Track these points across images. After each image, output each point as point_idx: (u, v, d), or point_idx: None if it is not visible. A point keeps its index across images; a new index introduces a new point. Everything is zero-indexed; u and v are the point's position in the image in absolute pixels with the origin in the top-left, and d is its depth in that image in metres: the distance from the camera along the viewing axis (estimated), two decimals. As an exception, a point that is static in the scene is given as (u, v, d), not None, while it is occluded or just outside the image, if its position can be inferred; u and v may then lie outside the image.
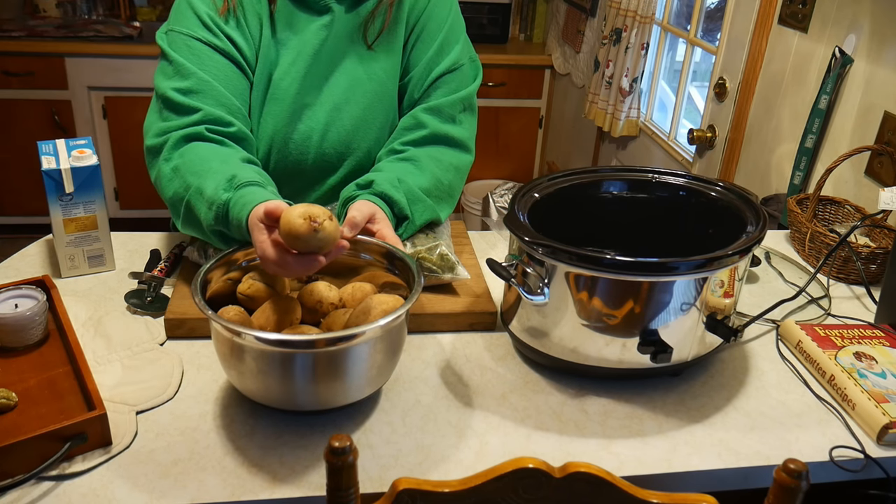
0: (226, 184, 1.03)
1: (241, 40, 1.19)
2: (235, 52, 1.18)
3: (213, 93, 1.15)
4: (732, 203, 1.13)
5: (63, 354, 1.03)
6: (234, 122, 1.15)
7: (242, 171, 1.05)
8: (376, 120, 1.29)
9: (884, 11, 1.58)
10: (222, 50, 1.17)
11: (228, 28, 1.18)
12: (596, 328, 0.99)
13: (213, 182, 1.04)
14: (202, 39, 1.16)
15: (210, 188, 1.04)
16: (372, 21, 1.24)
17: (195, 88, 1.14)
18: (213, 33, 1.17)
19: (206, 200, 1.04)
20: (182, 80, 1.14)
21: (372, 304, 0.95)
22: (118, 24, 3.40)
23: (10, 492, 0.82)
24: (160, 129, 1.14)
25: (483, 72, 1.35)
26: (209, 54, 1.16)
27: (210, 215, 1.03)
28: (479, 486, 0.68)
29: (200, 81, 1.14)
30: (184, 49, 1.16)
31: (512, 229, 1.01)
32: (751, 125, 2.09)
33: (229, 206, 1.01)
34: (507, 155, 3.77)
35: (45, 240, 1.34)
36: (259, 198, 0.98)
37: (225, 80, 1.17)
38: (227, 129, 1.15)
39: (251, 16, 1.20)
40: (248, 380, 0.91)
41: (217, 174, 1.05)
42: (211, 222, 1.03)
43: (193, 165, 1.09)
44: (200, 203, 1.05)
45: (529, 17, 3.83)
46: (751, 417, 1.02)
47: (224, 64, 1.18)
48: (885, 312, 1.22)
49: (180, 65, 1.15)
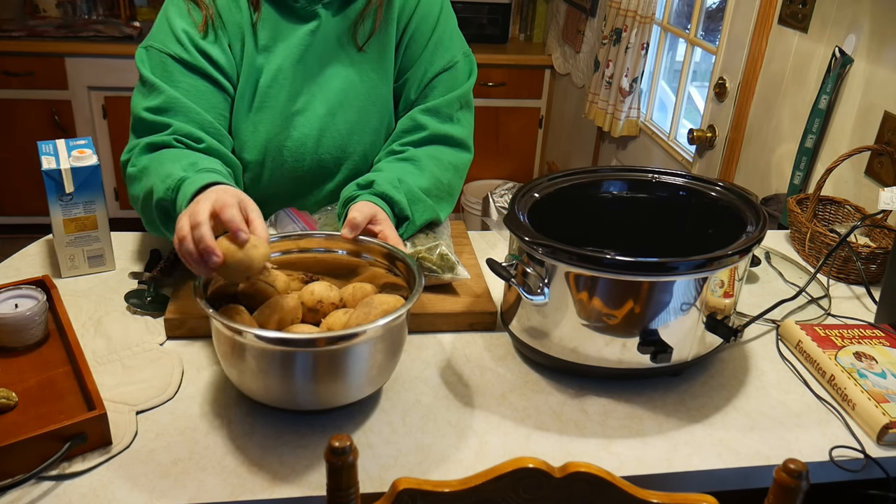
0: (187, 166, 1.04)
1: (219, 54, 1.18)
2: (210, 68, 1.18)
3: (183, 109, 1.15)
4: (732, 203, 1.13)
5: (63, 354, 1.03)
6: (204, 139, 1.15)
7: (207, 162, 1.07)
8: (371, 123, 1.28)
9: (884, 11, 1.58)
10: (196, 67, 1.17)
11: (205, 43, 1.17)
12: (596, 328, 0.99)
13: (173, 165, 1.06)
14: (175, 57, 1.16)
15: (170, 168, 1.05)
16: (361, 23, 1.23)
17: (164, 106, 1.14)
18: (187, 50, 1.16)
19: (163, 177, 1.04)
20: (153, 98, 1.15)
21: (373, 303, 0.95)
22: (118, 24, 3.40)
23: (10, 492, 0.82)
24: (130, 146, 1.16)
25: (483, 72, 1.35)
26: (182, 71, 1.16)
27: (161, 187, 1.03)
28: (479, 486, 0.68)
29: (170, 99, 1.14)
30: (158, 67, 1.17)
31: (512, 229, 1.01)
32: (751, 125, 2.09)
33: (184, 182, 1.01)
34: (507, 155, 3.77)
35: (45, 240, 1.34)
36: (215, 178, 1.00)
37: (197, 96, 1.17)
38: (196, 145, 1.14)
39: (231, 27, 1.19)
40: (248, 379, 0.91)
41: (181, 160, 1.07)
42: (161, 195, 1.03)
43: (157, 163, 1.09)
44: (157, 181, 1.05)
45: (529, 17, 3.83)
46: (751, 417, 1.02)
47: (197, 81, 1.17)
48: (885, 312, 1.22)
49: (152, 83, 1.15)
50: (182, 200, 0.99)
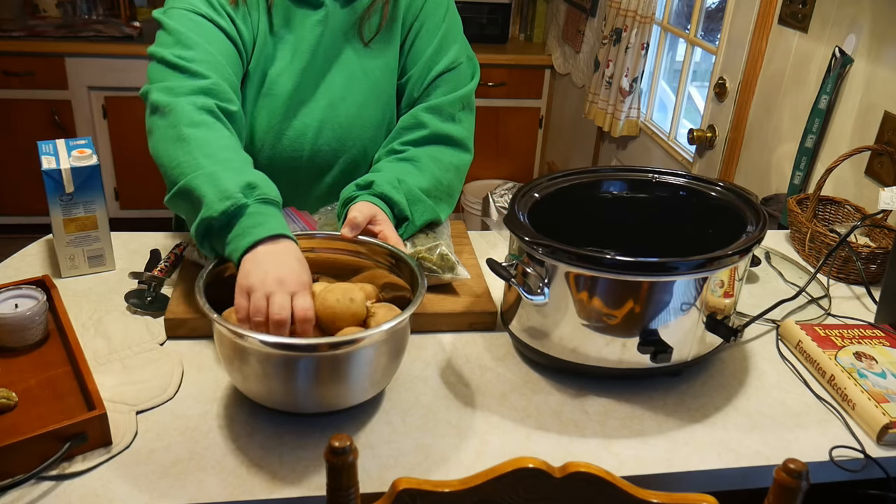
0: (245, 187, 0.98)
1: (244, 29, 1.18)
2: (237, 37, 1.17)
3: (217, 67, 1.11)
4: (732, 203, 1.13)
5: (63, 354, 1.03)
6: (236, 101, 1.13)
7: (263, 183, 1.00)
8: (372, 117, 1.29)
9: (884, 11, 1.58)
10: (225, 29, 1.15)
11: (235, 14, 1.16)
12: (596, 328, 0.99)
13: (230, 176, 0.99)
14: (206, 16, 1.13)
15: (227, 181, 0.98)
16: (368, 18, 1.24)
17: (199, 58, 1.09)
18: (218, 13, 1.15)
19: (220, 190, 0.97)
20: (185, 49, 1.10)
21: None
22: (118, 24, 3.40)
23: (10, 492, 0.82)
24: (167, 88, 1.07)
25: (483, 72, 1.35)
26: (212, 30, 1.13)
27: (219, 206, 0.96)
28: (480, 486, 0.68)
29: (205, 52, 1.10)
30: (187, 21, 1.12)
31: (512, 229, 1.01)
32: (751, 125, 2.09)
33: (245, 211, 0.96)
34: (507, 155, 3.77)
35: (45, 240, 1.34)
36: (275, 229, 0.95)
37: (227, 57, 1.14)
38: (231, 108, 1.11)
39: (253, 8, 1.20)
40: (251, 382, 0.91)
41: (234, 171, 1.00)
42: (215, 214, 0.96)
43: (207, 146, 1.02)
44: (210, 190, 0.98)
45: (529, 17, 3.83)
46: (751, 417, 1.02)
47: (226, 43, 1.15)
48: (885, 312, 1.22)
49: (182, 35, 1.10)
50: (234, 237, 0.96)
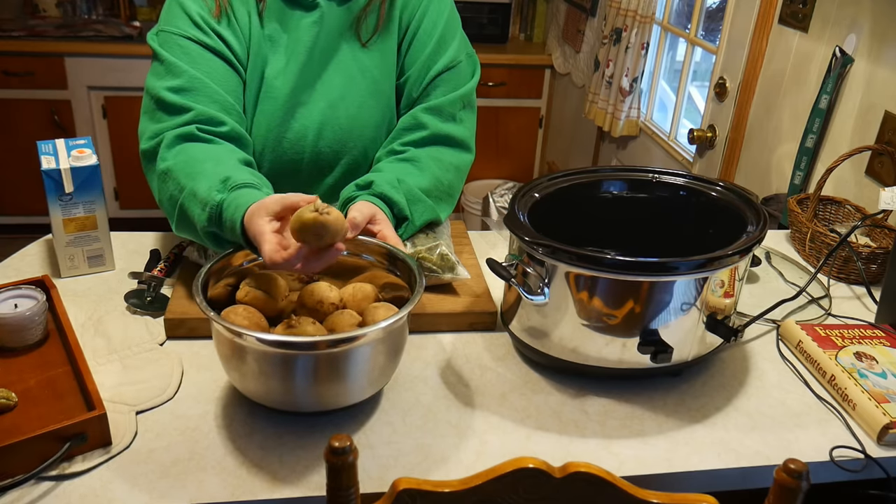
0: (219, 185, 1.02)
1: (233, 39, 1.19)
2: (227, 52, 1.18)
3: (205, 90, 1.14)
4: (732, 203, 1.13)
5: (63, 354, 1.03)
6: (227, 121, 1.15)
7: (237, 173, 1.05)
8: (372, 118, 1.28)
9: (884, 11, 1.58)
10: (214, 49, 1.17)
11: (220, 28, 1.17)
12: (596, 328, 0.99)
13: (206, 183, 1.04)
14: (193, 38, 1.16)
15: (203, 189, 1.03)
16: (364, 18, 1.24)
17: (187, 86, 1.13)
18: (205, 32, 1.16)
19: (200, 202, 1.03)
20: (174, 78, 1.14)
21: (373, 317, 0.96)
22: (118, 24, 3.40)
23: (10, 492, 0.82)
24: (153, 132, 1.13)
25: (483, 71, 1.34)
26: (201, 53, 1.16)
27: (203, 216, 1.02)
28: (480, 486, 0.68)
29: (192, 79, 1.14)
30: (175, 48, 1.15)
31: (512, 229, 1.01)
32: (751, 125, 2.09)
33: (223, 208, 1.01)
34: (507, 155, 3.77)
35: (44, 240, 1.34)
36: (253, 198, 0.97)
37: (218, 77, 1.16)
38: (219, 129, 1.14)
39: (240, 12, 1.20)
40: (249, 381, 0.91)
41: (210, 176, 1.05)
42: (204, 223, 1.02)
43: (187, 167, 1.08)
44: (194, 205, 1.05)
45: (529, 17, 3.83)
46: (751, 417, 1.02)
47: (216, 62, 1.17)
48: (885, 312, 1.22)
49: (172, 64, 1.14)
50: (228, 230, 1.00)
